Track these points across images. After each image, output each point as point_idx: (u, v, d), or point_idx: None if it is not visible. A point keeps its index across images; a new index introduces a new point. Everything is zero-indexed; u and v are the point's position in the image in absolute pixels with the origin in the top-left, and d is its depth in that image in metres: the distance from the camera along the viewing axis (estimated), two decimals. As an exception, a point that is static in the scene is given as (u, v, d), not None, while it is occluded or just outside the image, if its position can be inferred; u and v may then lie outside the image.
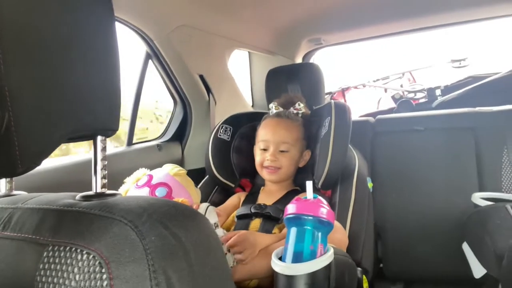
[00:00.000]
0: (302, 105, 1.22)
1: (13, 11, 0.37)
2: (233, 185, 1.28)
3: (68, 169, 1.08)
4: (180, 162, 1.57)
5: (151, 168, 0.94)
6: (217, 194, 1.32)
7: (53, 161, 1.10)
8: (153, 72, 1.46)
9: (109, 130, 0.51)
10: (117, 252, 0.38)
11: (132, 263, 0.37)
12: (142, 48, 1.38)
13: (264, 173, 1.15)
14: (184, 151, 1.61)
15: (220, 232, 0.91)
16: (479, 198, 1.10)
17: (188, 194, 0.88)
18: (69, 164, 1.10)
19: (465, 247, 1.06)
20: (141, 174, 0.91)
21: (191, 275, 0.39)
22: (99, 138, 0.51)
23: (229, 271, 0.45)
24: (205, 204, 0.94)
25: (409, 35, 1.86)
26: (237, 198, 1.23)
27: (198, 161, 1.54)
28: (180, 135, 1.61)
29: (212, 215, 0.94)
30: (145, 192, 0.85)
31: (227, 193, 1.30)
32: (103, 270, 0.37)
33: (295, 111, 1.21)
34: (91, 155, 0.51)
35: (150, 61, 1.40)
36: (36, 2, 0.39)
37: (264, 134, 1.16)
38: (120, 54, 0.51)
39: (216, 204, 1.28)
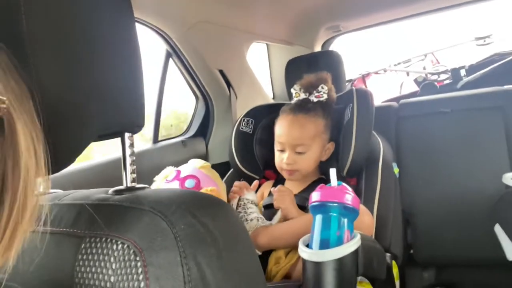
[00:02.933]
0: (325, 88, 1.11)
1: (44, 19, 0.39)
2: (257, 177, 1.29)
3: (99, 168, 1.13)
4: (205, 157, 1.60)
5: (177, 164, 0.97)
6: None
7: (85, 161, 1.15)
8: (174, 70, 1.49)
9: (136, 126, 0.53)
10: (149, 241, 0.40)
11: (164, 250, 0.39)
12: (162, 47, 1.40)
13: (284, 174, 1.13)
14: (208, 146, 1.64)
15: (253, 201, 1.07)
16: (510, 179, 1.06)
17: (215, 184, 0.91)
18: (100, 163, 1.15)
19: (498, 229, 1.03)
20: (169, 171, 0.94)
21: (219, 260, 0.40)
22: (126, 135, 0.53)
23: (255, 256, 0.46)
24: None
25: (429, 16, 1.81)
26: (261, 191, 1.24)
27: (222, 155, 1.57)
28: (203, 130, 1.64)
29: (250, 193, 1.08)
30: (175, 185, 0.88)
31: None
32: (138, 258, 0.39)
33: (315, 99, 1.12)
34: (120, 153, 0.54)
35: (170, 59, 1.43)
36: (63, 8, 0.41)
37: (279, 134, 1.11)
38: (141, 52, 0.53)
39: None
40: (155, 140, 1.45)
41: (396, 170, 1.18)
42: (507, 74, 1.56)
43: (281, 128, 1.11)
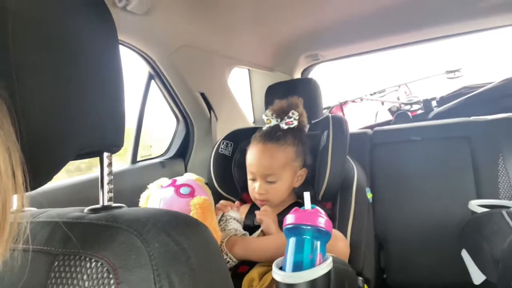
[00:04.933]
0: (296, 113, 1.11)
1: (30, 44, 0.41)
2: (235, 200, 1.30)
3: (76, 186, 1.12)
4: (183, 179, 1.60)
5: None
6: (217, 204, 1.34)
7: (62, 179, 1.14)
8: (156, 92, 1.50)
9: (115, 146, 0.54)
10: (123, 259, 0.41)
11: (137, 268, 0.40)
12: (145, 69, 1.42)
13: (257, 203, 1.15)
14: (187, 168, 1.64)
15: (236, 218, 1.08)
16: (476, 205, 1.11)
17: (207, 195, 0.92)
18: (77, 181, 1.13)
19: (464, 254, 1.07)
20: (164, 180, 0.95)
21: (192, 278, 0.41)
22: (105, 154, 0.54)
23: (228, 276, 0.47)
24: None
25: (404, 48, 1.91)
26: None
27: (201, 176, 1.57)
28: (182, 152, 1.65)
29: (234, 211, 1.10)
30: (170, 191, 0.88)
31: (229, 207, 1.33)
32: (111, 276, 0.40)
33: (286, 126, 1.11)
34: (97, 173, 0.55)
35: (152, 81, 1.45)
36: (48, 31, 0.43)
37: (250, 163, 1.11)
38: (124, 74, 0.55)
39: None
40: (134, 160, 1.45)
41: (369, 195, 1.21)
42: (475, 106, 1.65)
43: (252, 157, 1.10)
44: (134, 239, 0.42)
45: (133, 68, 1.46)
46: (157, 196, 0.89)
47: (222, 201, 1.17)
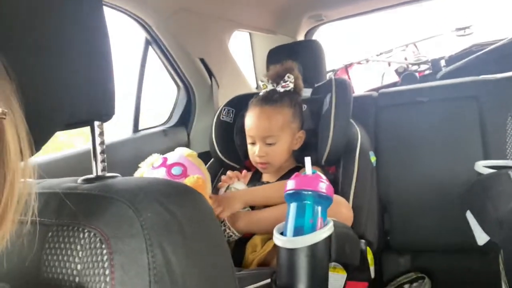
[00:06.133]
0: (291, 77, 1.12)
1: (15, 13, 0.39)
2: (238, 167, 1.30)
3: (69, 159, 1.12)
4: (187, 146, 1.59)
5: (159, 153, 0.97)
6: (223, 176, 1.34)
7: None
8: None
9: (105, 115, 0.53)
10: (115, 229, 0.40)
11: (129, 238, 0.39)
12: (142, 35, 1.39)
13: (258, 167, 1.15)
14: (190, 136, 1.63)
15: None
16: (482, 166, 1.09)
17: (201, 172, 0.92)
18: (71, 154, 1.13)
19: (469, 215, 1.06)
20: (155, 158, 0.94)
21: (185, 248, 0.41)
22: (96, 123, 0.53)
23: (224, 244, 0.47)
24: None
25: (412, 5, 1.82)
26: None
27: (204, 144, 1.56)
28: (185, 119, 1.63)
29: (239, 183, 1.09)
30: (161, 172, 0.88)
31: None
32: (103, 246, 0.40)
33: (282, 89, 1.11)
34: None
35: (150, 47, 1.41)
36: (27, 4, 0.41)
37: (248, 127, 1.12)
38: (111, 40, 0.53)
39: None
40: (136, 129, 1.44)
41: (373, 158, 1.20)
42: (485, 64, 1.59)
43: (250, 121, 1.12)
44: (126, 209, 0.42)
45: (130, 35, 1.43)
46: None
47: (228, 172, 1.16)
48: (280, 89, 1.12)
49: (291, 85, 1.12)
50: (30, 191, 0.39)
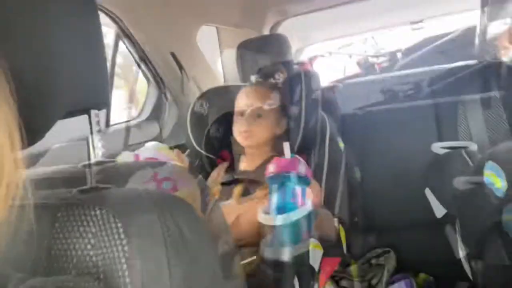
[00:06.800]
0: (281, 75, 1.26)
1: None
2: (214, 157, 1.34)
3: (67, 149, 1.10)
4: (159, 140, 1.61)
5: (132, 148, 0.98)
6: (200, 166, 1.37)
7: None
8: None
9: (102, 103, 0.55)
10: (127, 204, 0.44)
11: (142, 212, 0.43)
12: (111, 29, 1.38)
13: (240, 139, 1.19)
14: (162, 129, 1.64)
15: None
16: (438, 147, 1.21)
17: (189, 183, 0.93)
18: (68, 144, 1.12)
19: (428, 192, 1.18)
20: (126, 156, 0.95)
21: (196, 222, 0.45)
22: (93, 112, 0.55)
23: (227, 226, 0.51)
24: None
25: None
26: (217, 171, 1.29)
27: (176, 137, 1.58)
28: (156, 113, 1.64)
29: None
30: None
31: (209, 164, 1.36)
32: (117, 220, 0.43)
33: (273, 81, 1.25)
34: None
35: (120, 41, 1.41)
36: None
37: (239, 102, 1.21)
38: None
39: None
40: (107, 124, 1.43)
41: (341, 144, 1.28)
42: (437, 55, 1.72)
43: (242, 95, 1.21)
44: (135, 189, 0.45)
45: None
46: None
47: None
48: (272, 81, 1.25)
49: (281, 80, 1.25)
50: (23, 179, 0.40)
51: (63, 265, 0.45)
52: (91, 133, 0.55)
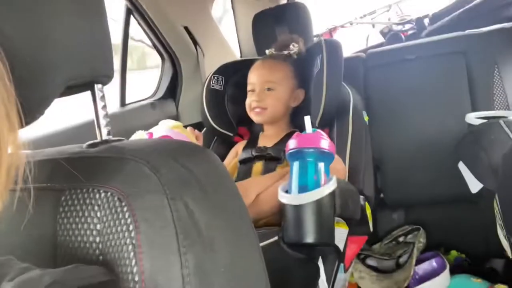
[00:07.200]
0: (296, 45, 1.20)
1: None
2: (231, 134, 1.29)
3: (70, 132, 1.09)
4: (176, 118, 1.57)
5: (148, 127, 0.95)
6: (217, 145, 1.33)
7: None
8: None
9: (106, 77, 0.51)
10: (133, 186, 0.40)
11: (149, 194, 0.39)
12: (122, 3, 1.33)
13: (252, 115, 1.16)
14: (178, 107, 1.60)
15: None
16: (473, 118, 1.12)
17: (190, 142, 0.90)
18: (72, 127, 1.11)
19: (461, 166, 1.10)
20: (140, 135, 0.92)
21: (206, 201, 0.41)
22: (96, 86, 0.51)
23: (241, 199, 0.47)
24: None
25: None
26: (235, 150, 1.25)
27: (193, 115, 1.54)
28: (172, 91, 1.60)
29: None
30: None
31: (226, 143, 1.32)
32: (123, 204, 0.39)
33: (286, 52, 1.19)
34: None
35: (131, 16, 1.36)
36: None
37: (251, 77, 1.17)
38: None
39: (217, 155, 1.31)
40: (123, 103, 1.40)
41: (366, 117, 1.21)
42: (469, 20, 1.59)
43: (253, 70, 1.17)
44: (141, 167, 0.41)
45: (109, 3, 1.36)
46: None
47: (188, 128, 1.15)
48: (285, 53, 1.20)
49: (296, 50, 1.19)
50: (23, 161, 0.37)
51: (69, 253, 0.42)
52: (95, 109, 0.51)
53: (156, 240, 0.37)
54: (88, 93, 0.52)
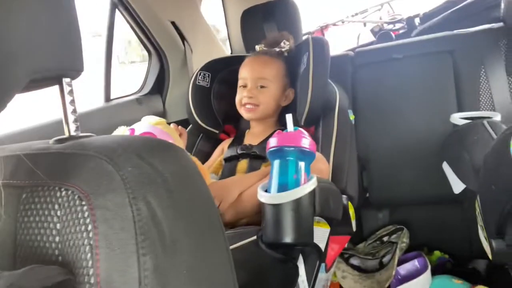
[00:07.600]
0: (287, 43, 1.19)
1: None
2: (217, 132, 1.28)
3: (41, 130, 1.07)
4: (162, 115, 1.56)
5: (133, 123, 0.93)
6: (202, 142, 1.32)
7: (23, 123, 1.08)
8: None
9: (74, 71, 0.49)
10: (94, 185, 0.38)
11: (110, 193, 0.37)
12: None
13: (242, 111, 1.14)
14: (165, 103, 1.58)
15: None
16: (457, 118, 1.12)
17: (172, 139, 0.89)
18: (42, 125, 1.08)
19: (445, 166, 1.10)
20: (121, 131, 0.90)
21: (170, 200, 0.39)
22: (65, 80, 0.49)
23: (211, 200, 0.45)
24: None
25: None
26: (221, 147, 1.24)
27: (180, 112, 1.52)
28: (159, 87, 1.58)
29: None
30: None
31: (212, 140, 1.31)
32: (83, 203, 0.37)
33: (278, 49, 1.18)
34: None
35: (117, 10, 1.33)
36: None
37: (243, 72, 1.15)
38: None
39: (202, 152, 1.30)
40: (107, 98, 1.38)
41: (352, 116, 1.20)
42: (459, 20, 1.59)
43: (245, 65, 1.16)
44: (104, 164, 0.39)
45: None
46: None
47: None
48: (276, 49, 1.18)
49: (287, 47, 1.18)
50: None
51: (29, 252, 0.41)
52: (63, 104, 0.50)
53: (114, 241, 0.35)
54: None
